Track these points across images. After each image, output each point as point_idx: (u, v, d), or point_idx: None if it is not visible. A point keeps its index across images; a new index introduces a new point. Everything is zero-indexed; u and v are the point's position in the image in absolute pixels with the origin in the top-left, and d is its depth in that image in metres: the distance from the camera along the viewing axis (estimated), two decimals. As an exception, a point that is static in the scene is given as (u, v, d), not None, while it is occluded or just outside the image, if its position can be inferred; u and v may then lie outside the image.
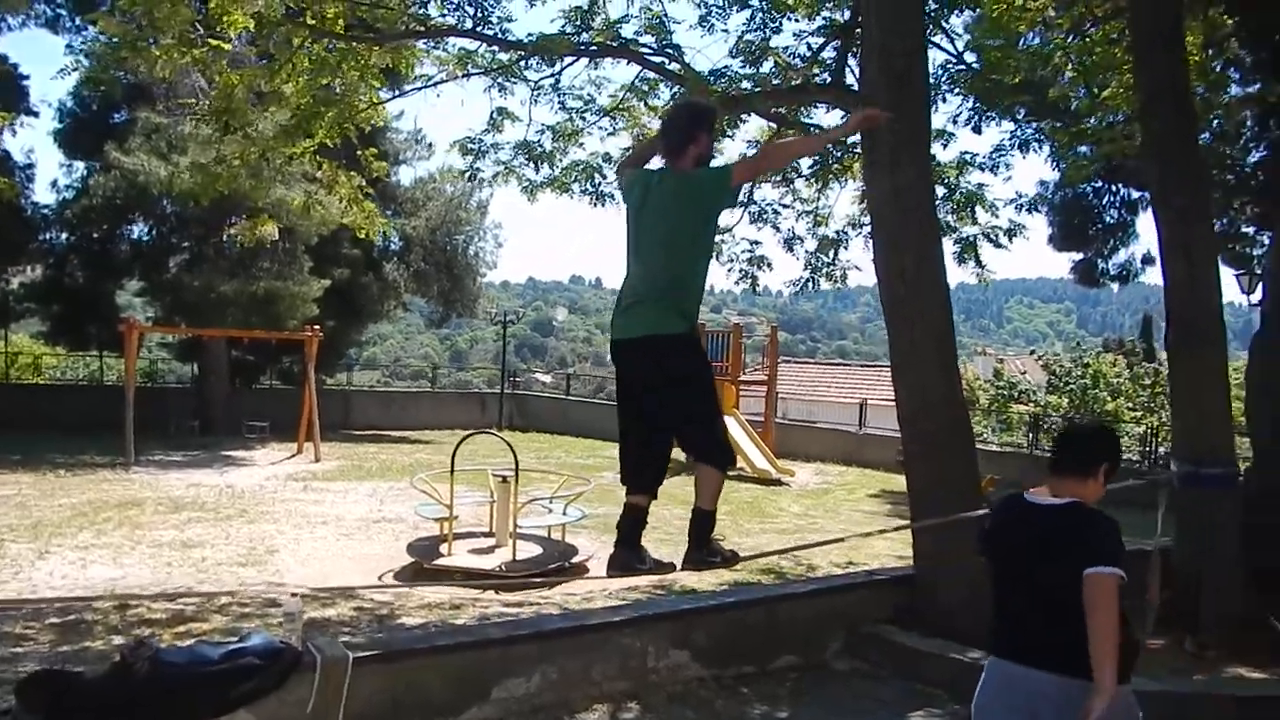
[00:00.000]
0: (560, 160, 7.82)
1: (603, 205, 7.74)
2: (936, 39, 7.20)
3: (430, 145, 24.76)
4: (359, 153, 7.61)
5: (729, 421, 17.62)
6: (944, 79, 7.59)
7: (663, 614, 5.42)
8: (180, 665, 3.98)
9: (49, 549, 9.43)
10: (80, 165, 21.75)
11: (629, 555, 4.03)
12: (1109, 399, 20.75)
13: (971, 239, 8.06)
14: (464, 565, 8.95)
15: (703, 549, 4.08)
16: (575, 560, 9.31)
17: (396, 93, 8.16)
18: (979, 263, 8.06)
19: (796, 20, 7.18)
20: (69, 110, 21.72)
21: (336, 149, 7.97)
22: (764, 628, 5.59)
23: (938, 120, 8.01)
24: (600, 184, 7.82)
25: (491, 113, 7.47)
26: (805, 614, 5.75)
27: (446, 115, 10.03)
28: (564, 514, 10.05)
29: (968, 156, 8.27)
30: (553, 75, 7.19)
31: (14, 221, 19.95)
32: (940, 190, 8.11)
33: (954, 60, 7.61)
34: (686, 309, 3.82)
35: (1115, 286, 18.67)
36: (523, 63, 6.90)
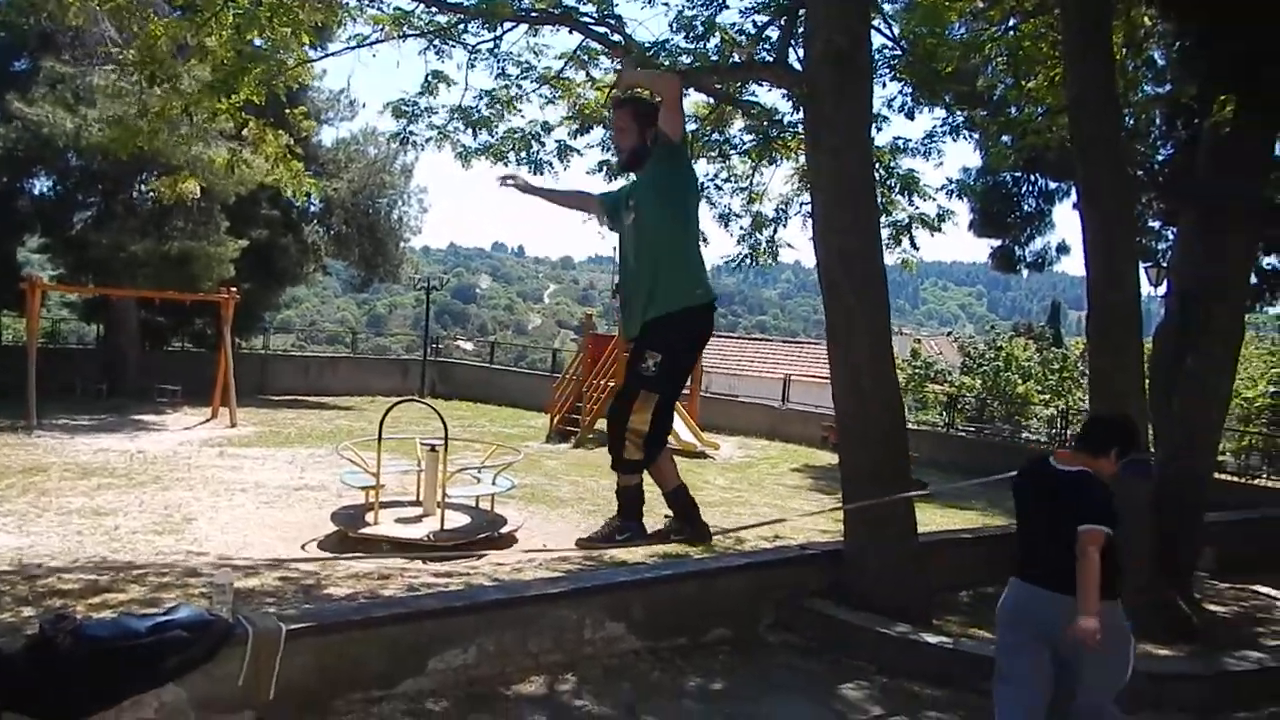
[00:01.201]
0: (497, 127, 7.69)
1: (540, 173, 7.66)
2: (876, 23, 7.27)
3: (353, 105, 24.08)
4: (287, 111, 7.36)
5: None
6: (881, 64, 7.67)
7: (600, 586, 5.43)
8: (105, 639, 3.85)
9: (-52, 516, 9.02)
10: (-24, 113, 20.61)
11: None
12: (1020, 381, 21.36)
13: (905, 223, 8.19)
14: (391, 534, 8.85)
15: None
16: (504, 530, 9.27)
17: (325, 51, 7.89)
18: (913, 245, 8.22)
19: (742, -3, 7.17)
20: (-36, 56, 20.54)
21: (263, 107, 7.70)
22: (698, 601, 5.65)
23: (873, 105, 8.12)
24: (537, 152, 7.72)
25: (427, 75, 7.30)
26: (738, 587, 5.82)
27: (377, 76, 9.78)
28: (493, 484, 9.98)
29: (900, 142, 8.41)
30: (492, 40, 7.04)
31: (-98, 172, 18.88)
32: (878, 174, 8.23)
33: (891, 45, 7.70)
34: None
35: (1026, 273, 19.20)
36: (461, 25, 6.75)
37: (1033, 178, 14.66)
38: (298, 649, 4.22)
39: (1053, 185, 14.37)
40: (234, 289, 18.53)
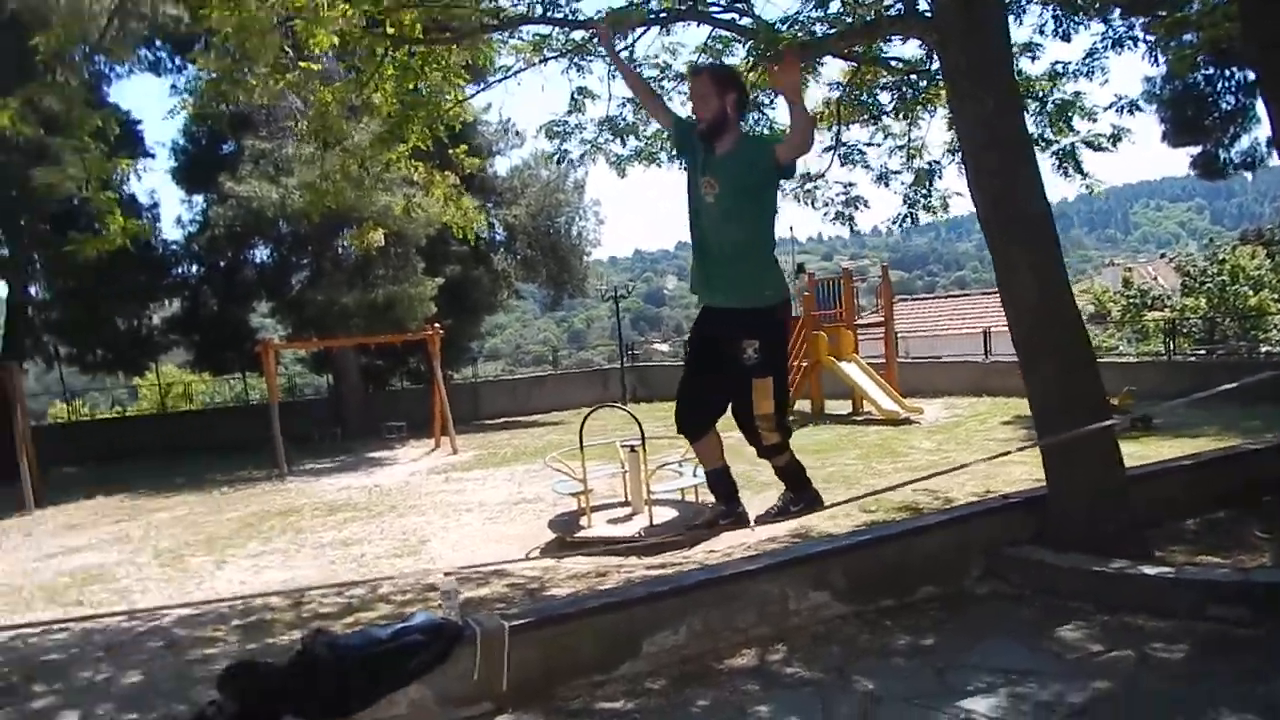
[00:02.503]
0: (645, 131, 7.93)
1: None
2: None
3: (519, 134, 25.16)
4: (450, 151, 7.88)
5: (849, 367, 17.51)
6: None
7: (797, 559, 5.52)
8: (355, 647, 4.33)
9: (224, 559, 10.18)
10: (199, 198, 23.01)
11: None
12: (1250, 294, 19.66)
13: (1070, 148, 7.79)
14: (604, 535, 9.26)
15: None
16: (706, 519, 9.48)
17: (481, 86, 8.36)
18: (1081, 171, 7.79)
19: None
20: (181, 148, 22.98)
21: (429, 151, 8.26)
22: (900, 562, 5.64)
23: (1023, 34, 7.80)
24: (688, 149, 7.90)
25: (572, 93, 7.62)
26: (941, 544, 5.77)
27: (531, 102, 10.25)
28: (694, 475, 10.23)
29: (1060, 67, 8.00)
30: (627, 47, 7.28)
31: (149, 261, 21.26)
32: (1034, 105, 7.88)
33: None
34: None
35: (1249, 176, 17.61)
36: (596, 39, 7.01)
37: (1226, 72, 13.53)
38: (522, 643, 4.56)
39: (1252, 76, 13.17)
40: (437, 325, 19.77)
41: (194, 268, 23.33)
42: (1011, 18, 7.61)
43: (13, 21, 13.03)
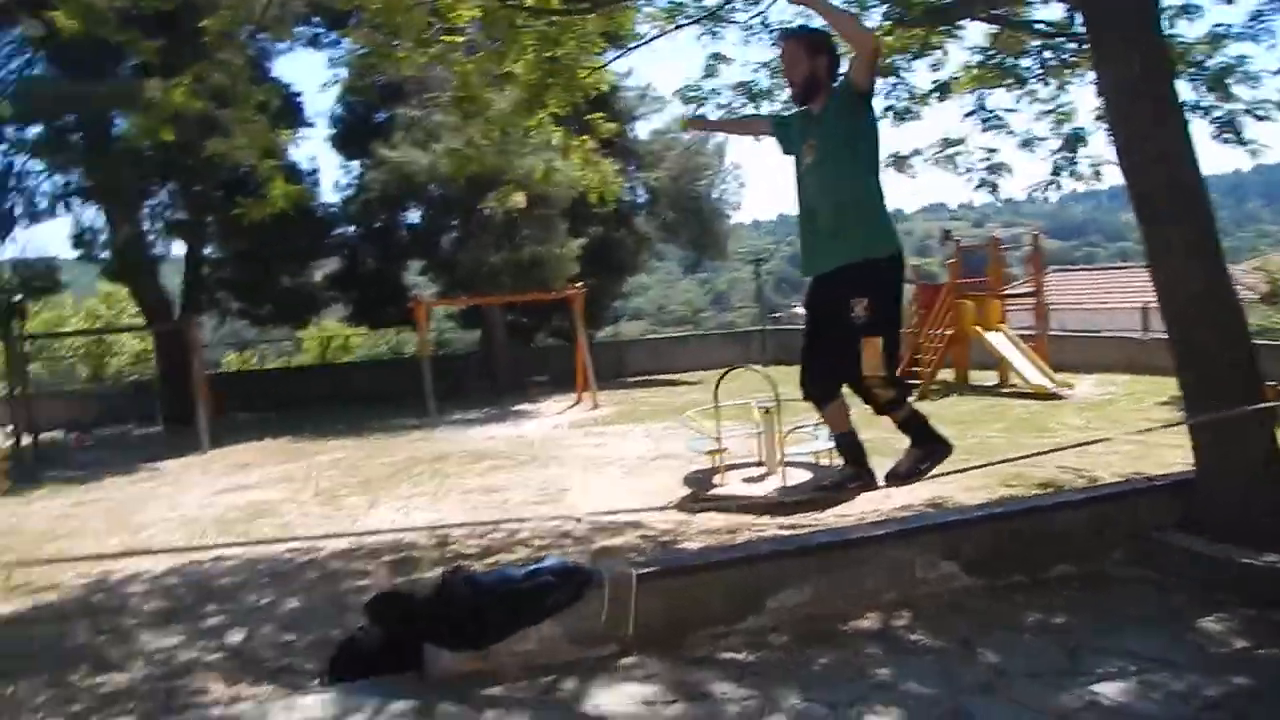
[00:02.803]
0: (779, 95, 7.88)
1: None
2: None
3: (660, 99, 25.22)
4: (588, 117, 8.04)
5: (996, 337, 16.97)
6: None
7: (927, 526, 5.50)
8: (491, 584, 4.59)
9: (378, 500, 10.81)
10: (355, 165, 24.11)
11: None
12: None
13: (1229, 116, 7.29)
14: (737, 493, 9.37)
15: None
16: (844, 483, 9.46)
17: (617, 54, 8.48)
18: (1241, 140, 7.28)
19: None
20: (338, 117, 24.12)
21: (570, 116, 8.45)
22: (1035, 538, 5.52)
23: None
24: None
25: (707, 59, 7.65)
26: (1080, 523, 5.61)
27: (671, 68, 10.31)
28: (828, 439, 10.19)
29: (1221, 29, 7.48)
30: (760, 14, 7.25)
31: (310, 223, 22.44)
32: (1190, 70, 7.40)
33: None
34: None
35: None
36: (729, 6, 7.00)
37: None
38: (650, 591, 4.72)
39: None
40: (580, 284, 20.19)
41: (351, 229, 24.49)
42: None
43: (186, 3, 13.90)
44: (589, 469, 12.07)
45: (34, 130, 18.89)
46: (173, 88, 6.31)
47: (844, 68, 4.27)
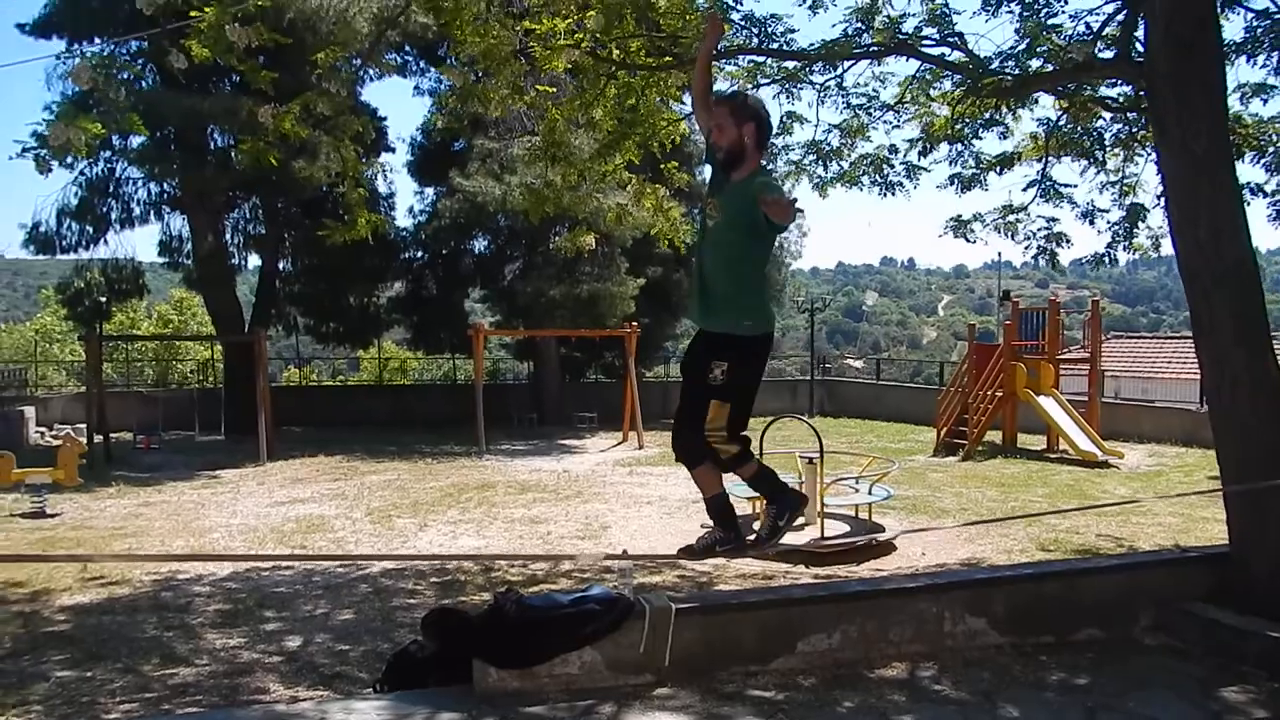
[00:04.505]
0: (848, 155, 8.19)
1: (891, 194, 8.04)
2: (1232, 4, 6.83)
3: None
4: (662, 166, 8.42)
5: (1047, 402, 16.95)
6: (1249, 39, 7.08)
7: (958, 582, 5.68)
8: (539, 607, 4.88)
9: (426, 522, 11.18)
10: (430, 191, 24.86)
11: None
12: None
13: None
14: (782, 541, 9.54)
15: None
16: (882, 538, 9.62)
17: (688, 111, 8.85)
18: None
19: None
20: (418, 144, 24.89)
21: (643, 164, 8.82)
22: (1064, 600, 5.68)
23: (1256, 74, 7.45)
24: (888, 174, 8.12)
25: (781, 116, 7.99)
26: (1109, 588, 5.75)
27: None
28: (869, 493, 10.37)
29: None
30: (836, 77, 7.57)
31: (382, 246, 23.17)
32: (1256, 150, 7.57)
33: (1257, 18, 7.08)
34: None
35: None
36: (807, 69, 7.34)
37: None
38: (686, 625, 4.97)
39: None
40: (635, 323, 20.55)
41: (420, 254, 25.20)
42: (1243, 59, 7.40)
43: (289, 30, 14.64)
44: (630, 507, 12.35)
45: (137, 140, 19.86)
46: (283, 115, 6.74)
47: (772, 135, 4.36)
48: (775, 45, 6.97)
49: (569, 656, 4.79)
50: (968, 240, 8.67)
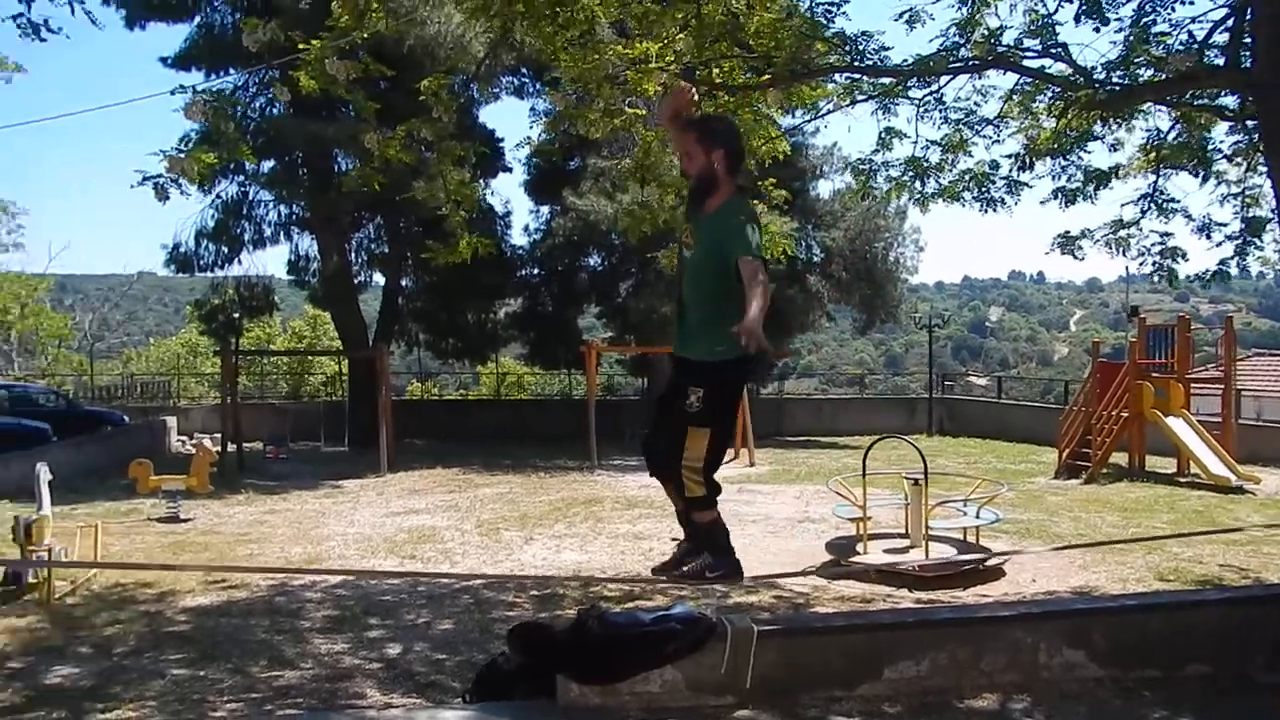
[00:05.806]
0: (949, 171, 8.03)
1: (994, 210, 7.84)
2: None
3: (845, 159, 25.37)
4: (759, 182, 8.43)
5: (1176, 423, 16.14)
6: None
7: (1055, 612, 5.50)
8: (622, 624, 4.96)
9: (533, 536, 11.42)
10: (545, 209, 25.42)
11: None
12: None
13: None
14: (877, 563, 9.40)
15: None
16: (989, 563, 9.34)
17: (788, 127, 8.83)
18: None
19: (1190, 3, 6.79)
20: (533, 163, 25.45)
21: (745, 185, 8.84)
22: (1170, 634, 5.41)
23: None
24: (989, 190, 7.93)
25: (880, 133, 7.91)
26: (1219, 623, 5.46)
27: (856, 130, 10.56)
28: (977, 517, 10.09)
29: None
30: (934, 93, 7.45)
31: (499, 264, 23.81)
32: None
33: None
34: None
35: None
36: (903, 84, 7.25)
37: None
38: (769, 648, 4.96)
39: None
40: (746, 340, 20.47)
41: (535, 271, 25.77)
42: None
43: (407, 56, 15.24)
44: (735, 525, 12.08)
45: (267, 164, 21.02)
46: (389, 141, 7.09)
47: (744, 161, 4.38)
48: (869, 63, 6.90)
49: (650, 674, 4.84)
50: (1075, 257, 8.38)
